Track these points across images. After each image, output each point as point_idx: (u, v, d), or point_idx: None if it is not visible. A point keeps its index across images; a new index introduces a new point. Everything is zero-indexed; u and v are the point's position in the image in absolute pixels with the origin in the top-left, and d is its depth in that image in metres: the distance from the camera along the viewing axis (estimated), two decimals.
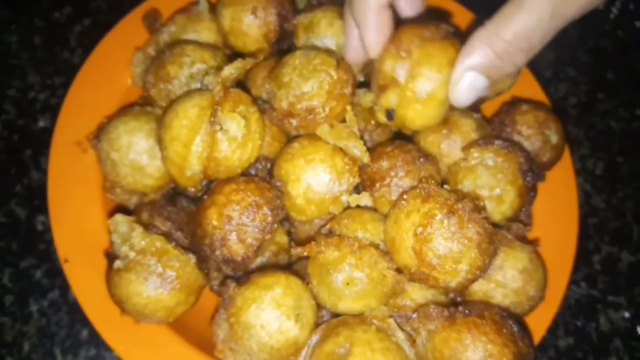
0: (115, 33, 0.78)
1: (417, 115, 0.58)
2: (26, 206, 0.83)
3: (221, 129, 0.59)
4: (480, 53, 0.51)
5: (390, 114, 0.60)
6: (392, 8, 0.60)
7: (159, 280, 0.58)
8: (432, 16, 0.63)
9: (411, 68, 0.57)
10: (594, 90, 1.01)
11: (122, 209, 0.68)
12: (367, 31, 0.59)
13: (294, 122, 0.63)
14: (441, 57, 0.55)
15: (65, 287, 0.78)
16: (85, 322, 0.75)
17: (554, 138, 0.71)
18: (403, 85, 0.57)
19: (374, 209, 0.65)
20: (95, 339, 0.75)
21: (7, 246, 0.81)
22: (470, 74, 0.53)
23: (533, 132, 0.71)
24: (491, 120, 0.75)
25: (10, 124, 0.89)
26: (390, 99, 0.59)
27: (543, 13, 0.48)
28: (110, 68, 0.76)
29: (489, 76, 0.53)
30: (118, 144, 0.64)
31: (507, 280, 0.61)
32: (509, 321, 0.57)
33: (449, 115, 0.67)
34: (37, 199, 0.83)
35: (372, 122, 0.71)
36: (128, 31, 0.77)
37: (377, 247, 0.60)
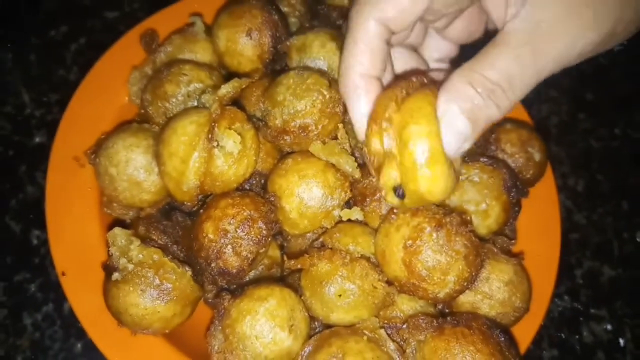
0: (113, 52, 0.80)
1: (430, 182, 0.49)
2: (21, 221, 0.84)
3: (218, 145, 0.61)
4: (460, 89, 0.47)
5: (399, 192, 0.52)
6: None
7: (156, 292, 0.59)
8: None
9: (398, 133, 0.50)
10: (574, 110, 1.05)
11: (119, 223, 0.69)
12: (353, 110, 0.55)
13: (288, 139, 0.65)
14: (424, 107, 0.49)
15: (59, 300, 0.79)
16: (79, 336, 0.76)
17: (537, 156, 0.74)
18: (398, 155, 0.50)
19: (364, 223, 0.67)
20: (89, 352, 0.76)
21: (2, 260, 0.82)
22: (451, 113, 0.47)
23: (517, 150, 0.74)
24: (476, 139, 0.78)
25: (5, 140, 0.90)
26: (390, 175, 0.51)
27: (521, 49, 0.47)
28: (107, 86, 0.78)
29: (473, 119, 0.48)
30: (116, 160, 0.66)
31: (493, 291, 0.63)
32: (495, 331, 0.59)
33: None
34: (32, 213, 0.84)
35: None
36: (125, 50, 0.80)
37: (368, 259, 0.62)
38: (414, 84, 0.52)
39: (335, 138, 0.67)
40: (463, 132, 0.48)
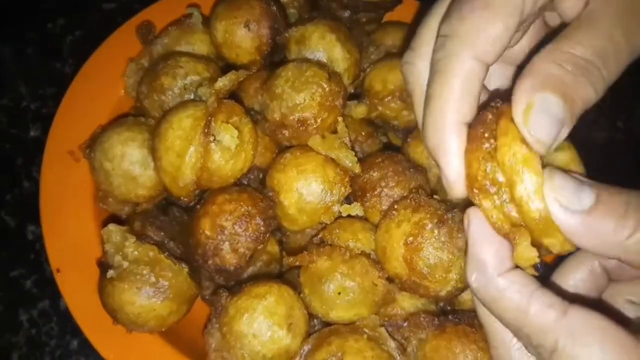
0: (108, 44, 0.78)
1: (562, 241, 0.39)
2: (16, 215, 0.83)
3: (214, 139, 0.59)
4: (546, 69, 0.38)
5: (538, 267, 0.41)
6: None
7: (152, 289, 0.58)
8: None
9: (513, 199, 0.39)
10: None
11: (115, 219, 0.68)
12: (448, 165, 0.42)
13: (286, 133, 0.64)
14: (521, 155, 0.38)
15: (55, 296, 0.78)
16: (76, 332, 0.76)
17: None
18: (525, 221, 0.39)
19: (364, 219, 0.65)
20: (86, 349, 0.75)
21: None
22: (542, 97, 0.37)
23: None
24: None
25: (1, 133, 0.89)
26: (525, 249, 0.39)
27: (614, 30, 0.40)
28: (103, 78, 0.76)
29: (563, 95, 0.38)
30: (111, 154, 0.64)
31: None
32: None
33: None
34: (27, 208, 0.83)
35: (363, 133, 0.72)
36: (121, 42, 0.78)
37: (368, 256, 0.61)
38: (491, 122, 0.40)
39: (335, 132, 0.65)
40: (559, 117, 0.38)
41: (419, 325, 0.59)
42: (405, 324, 0.60)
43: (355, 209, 0.64)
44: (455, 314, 0.60)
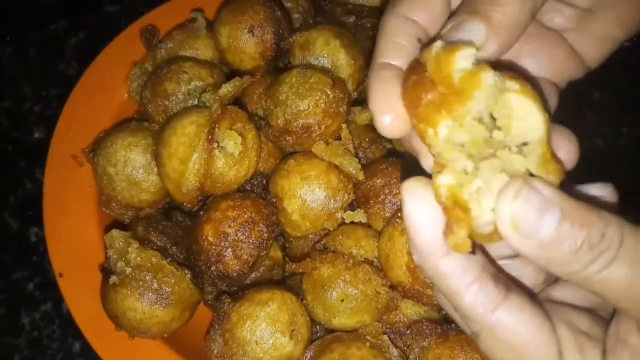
0: (112, 47, 0.78)
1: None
2: (19, 217, 0.83)
3: (218, 146, 0.59)
4: None
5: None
6: None
7: (155, 295, 0.58)
8: None
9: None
10: (581, 109, 1.03)
11: (118, 223, 0.68)
12: (375, 104, 0.39)
13: (290, 139, 0.64)
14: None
15: (57, 299, 0.78)
16: (78, 335, 0.75)
17: None
18: None
19: (368, 226, 0.65)
20: (88, 352, 0.75)
21: None
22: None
23: None
24: None
25: (4, 135, 0.89)
26: (460, 240, 0.34)
27: None
28: (106, 82, 0.76)
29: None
30: (115, 159, 0.64)
31: None
32: None
33: None
34: (30, 210, 0.83)
35: (367, 139, 0.72)
36: (125, 46, 0.78)
37: (371, 263, 0.61)
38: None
39: (339, 138, 0.65)
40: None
41: (421, 333, 0.59)
42: (408, 332, 0.60)
43: (359, 216, 0.64)
44: None
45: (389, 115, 0.37)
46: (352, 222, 0.65)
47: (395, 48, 0.41)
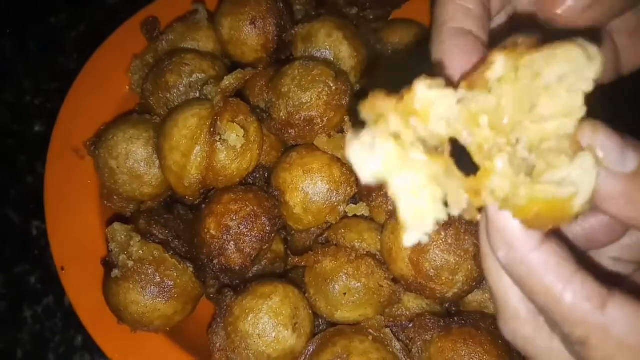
0: (113, 39, 0.78)
1: None
2: (21, 211, 0.83)
3: (220, 138, 0.59)
4: None
5: None
6: None
7: (157, 289, 0.58)
8: None
9: None
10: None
11: (120, 217, 0.68)
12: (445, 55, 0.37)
13: (292, 132, 0.64)
14: None
15: (59, 292, 0.77)
16: (80, 328, 0.75)
17: None
18: None
19: (370, 219, 0.65)
20: (90, 345, 0.75)
21: (1, 251, 0.80)
22: None
23: None
24: None
25: (4, 129, 0.88)
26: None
27: None
28: (108, 74, 0.76)
29: None
30: (116, 152, 0.64)
31: None
32: None
33: None
34: (31, 204, 0.83)
35: None
36: (126, 38, 0.77)
37: (374, 257, 0.60)
38: None
39: (341, 131, 0.65)
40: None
41: (424, 327, 0.59)
42: (411, 325, 0.60)
43: (361, 209, 0.64)
44: (461, 315, 0.59)
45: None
46: (355, 215, 0.64)
47: (464, 12, 0.38)
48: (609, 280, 0.31)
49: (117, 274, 0.58)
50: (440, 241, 0.55)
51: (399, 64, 0.75)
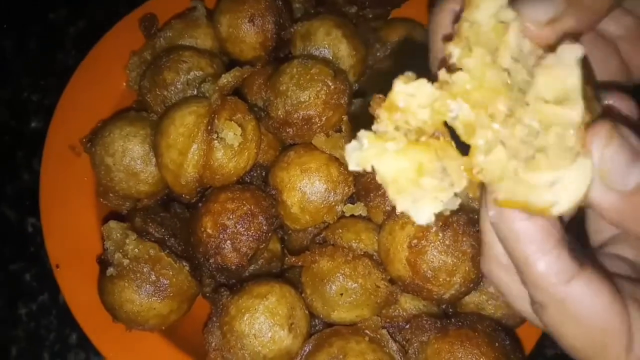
0: (111, 36, 0.77)
1: None
2: (17, 208, 0.82)
3: (217, 137, 0.59)
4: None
5: None
6: None
7: (152, 287, 0.58)
8: None
9: None
10: None
11: (116, 215, 0.67)
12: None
13: (290, 131, 0.63)
14: None
15: (55, 290, 0.77)
16: (75, 326, 0.74)
17: None
18: None
19: (368, 219, 0.65)
20: (85, 343, 0.75)
21: None
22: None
23: None
24: None
25: (1, 125, 0.88)
26: None
27: None
28: (105, 71, 0.75)
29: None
30: (113, 149, 0.64)
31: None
32: (501, 334, 0.57)
33: None
34: (27, 201, 0.82)
35: None
36: (124, 34, 0.77)
37: (371, 257, 0.60)
38: None
39: (340, 131, 0.64)
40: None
41: (421, 328, 0.58)
42: (407, 326, 0.60)
43: (359, 209, 0.63)
44: (458, 316, 0.59)
45: None
46: (352, 215, 0.64)
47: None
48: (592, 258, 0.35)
49: (113, 272, 0.58)
50: (438, 242, 0.54)
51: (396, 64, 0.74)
